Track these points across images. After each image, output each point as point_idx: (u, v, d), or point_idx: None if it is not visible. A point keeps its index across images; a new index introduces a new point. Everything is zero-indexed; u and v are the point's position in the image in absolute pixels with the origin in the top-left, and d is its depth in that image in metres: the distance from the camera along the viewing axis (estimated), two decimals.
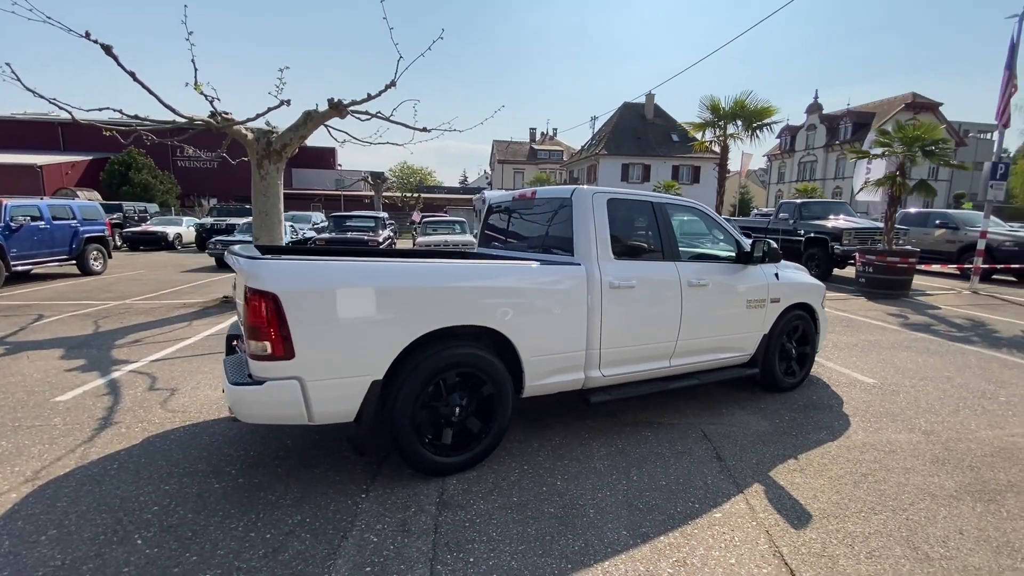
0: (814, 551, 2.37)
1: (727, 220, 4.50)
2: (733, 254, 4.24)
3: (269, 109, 7.10)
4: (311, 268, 2.57)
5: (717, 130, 14.05)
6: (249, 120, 7.13)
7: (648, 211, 3.87)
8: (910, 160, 9.72)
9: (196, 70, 6.16)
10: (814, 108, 44.64)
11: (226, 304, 8.12)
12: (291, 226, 14.49)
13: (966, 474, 3.16)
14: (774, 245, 4.11)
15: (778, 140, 48.93)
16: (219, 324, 6.77)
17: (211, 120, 7.08)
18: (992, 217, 11.02)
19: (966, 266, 11.90)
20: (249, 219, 20.64)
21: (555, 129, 47.55)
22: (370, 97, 7.28)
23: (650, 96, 37.80)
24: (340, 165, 45.73)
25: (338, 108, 7.70)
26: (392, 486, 2.83)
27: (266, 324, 2.41)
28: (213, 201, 33.08)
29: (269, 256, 2.60)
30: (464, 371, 2.92)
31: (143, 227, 19.97)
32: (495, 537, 2.41)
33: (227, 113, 7.21)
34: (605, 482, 2.96)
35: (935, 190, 10.77)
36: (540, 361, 3.22)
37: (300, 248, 4.82)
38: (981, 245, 10.72)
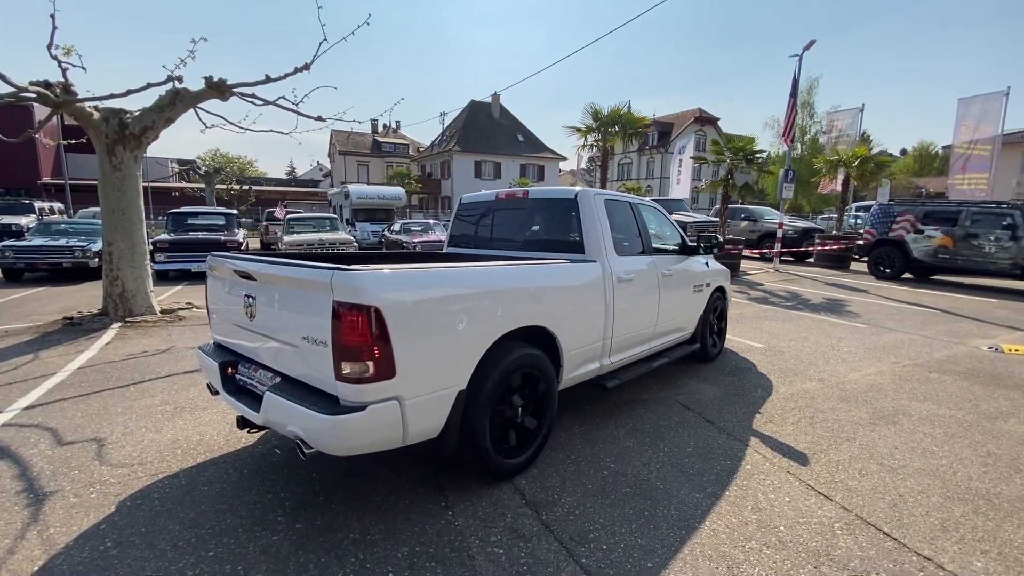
0: (827, 479, 3.02)
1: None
2: (679, 246, 4.91)
3: (149, 85, 5.74)
4: (406, 277, 2.35)
5: (597, 134, 15.42)
6: (114, 97, 5.68)
7: (628, 210, 4.27)
8: (734, 166, 12.04)
9: (55, 28, 4.70)
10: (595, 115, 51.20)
11: (74, 326, 6.38)
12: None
13: (865, 406, 4.25)
14: (720, 239, 4.88)
15: (579, 144, 54.93)
16: (85, 353, 5.35)
17: (47, 91, 5.47)
18: (775, 210, 14.27)
19: (765, 251, 15.18)
20: (32, 218, 16.14)
21: (398, 122, 46.24)
22: (269, 79, 6.37)
23: (496, 96, 39.27)
24: None
25: (218, 88, 6.60)
26: (468, 499, 2.74)
27: (369, 342, 2.15)
28: None
29: (358, 265, 2.28)
30: (526, 371, 2.95)
31: None
32: (605, 523, 2.55)
33: (72, 85, 5.64)
34: (647, 457, 3.28)
35: (755, 190, 13.56)
36: (574, 354, 3.39)
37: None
38: (779, 234, 13.79)
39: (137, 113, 6.50)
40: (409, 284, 2.35)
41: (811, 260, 15.75)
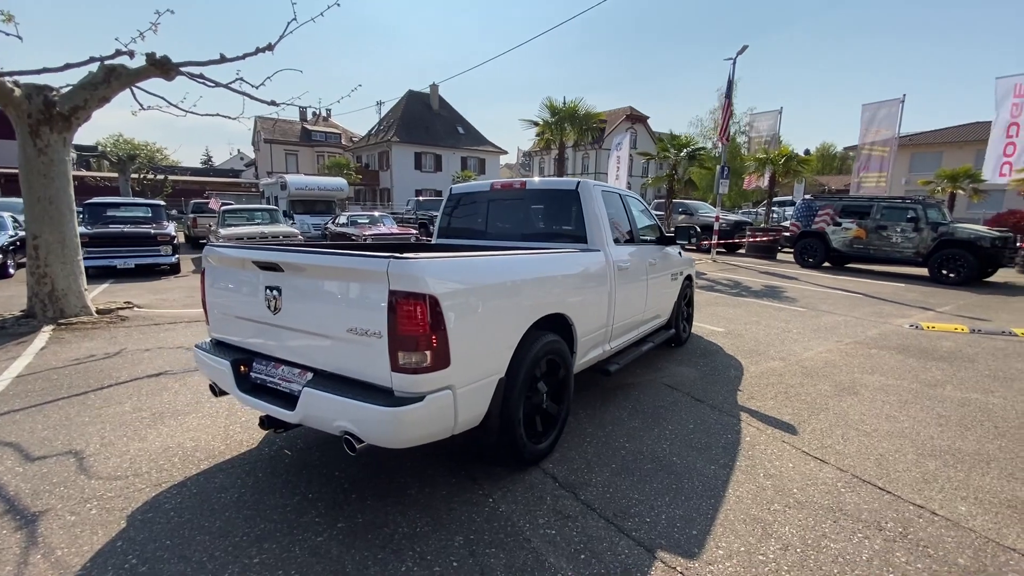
0: (817, 445, 3.34)
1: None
2: (658, 236, 5.16)
3: (92, 59, 5.10)
4: (458, 265, 2.32)
5: (554, 128, 15.56)
6: (50, 71, 5.00)
7: (619, 201, 4.42)
8: (678, 162, 12.70)
9: None
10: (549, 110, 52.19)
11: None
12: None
13: (826, 380, 4.70)
14: (698, 229, 5.17)
15: (536, 137, 55.66)
16: (20, 360, 4.74)
17: None
18: (708, 204, 15.25)
19: (704, 243, 16.15)
20: None
21: (328, 110, 44.12)
22: (224, 59, 5.89)
23: (434, 87, 38.50)
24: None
25: (162, 66, 6.02)
26: (502, 485, 2.76)
27: (427, 332, 2.11)
28: None
29: (410, 254, 2.21)
30: (550, 358, 3.01)
31: None
32: (640, 498, 2.67)
33: None
34: (655, 435, 3.45)
35: (699, 186, 14.42)
36: (586, 341, 3.49)
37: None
38: (717, 226, 14.73)
39: (65, 91, 5.80)
40: (461, 272, 2.33)
41: (742, 251, 16.96)
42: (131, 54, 5.44)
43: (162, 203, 12.50)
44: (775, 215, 22.74)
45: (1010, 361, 5.31)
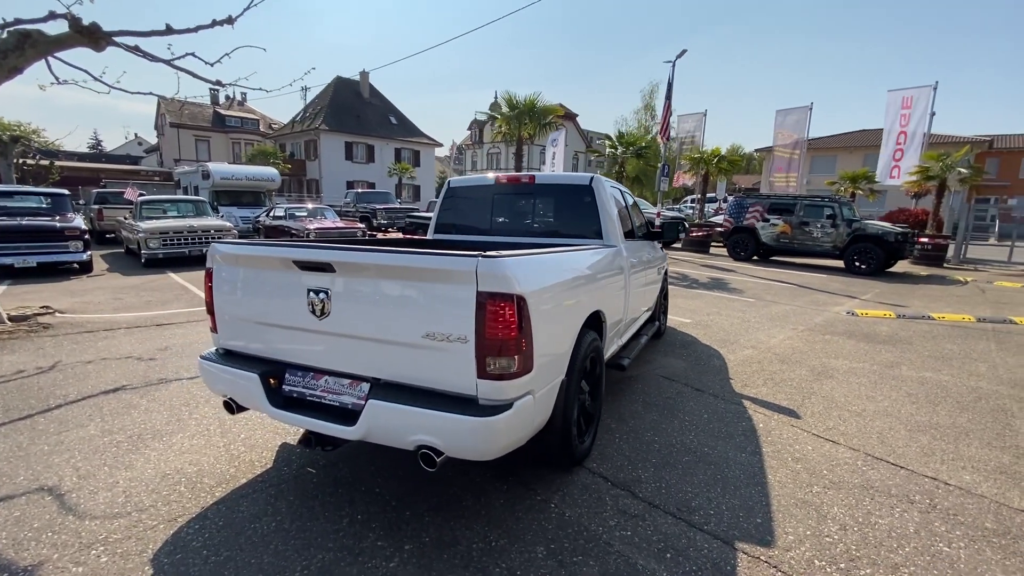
0: (822, 428, 3.57)
1: None
2: (648, 231, 5.27)
3: (18, 21, 4.23)
4: (534, 263, 2.19)
5: (512, 123, 15.36)
6: None
7: (621, 196, 4.46)
8: (625, 158, 13.13)
9: None
10: (496, 106, 52.13)
11: None
12: None
13: (800, 366, 5.06)
14: (687, 224, 5.33)
15: (468, 131, 55.24)
16: None
17: None
18: (645, 201, 15.97)
19: None
20: None
21: (244, 94, 40.77)
22: (170, 31, 5.18)
23: (364, 74, 36.74)
24: None
25: (90, 35, 5.21)
26: (556, 489, 2.69)
27: (517, 335, 1.99)
28: None
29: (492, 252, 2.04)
30: (592, 356, 2.97)
31: None
32: (694, 491, 2.71)
33: None
34: (676, 427, 3.53)
35: (644, 182, 14.98)
36: (611, 336, 3.49)
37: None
38: (658, 222, 15.39)
39: None
40: (538, 270, 2.22)
41: (678, 245, 17.90)
42: (71, 18, 4.64)
43: (66, 192, 10.93)
44: (705, 210, 24.31)
45: (940, 343, 6.02)
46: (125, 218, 12.05)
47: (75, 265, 9.54)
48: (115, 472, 2.74)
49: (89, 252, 9.52)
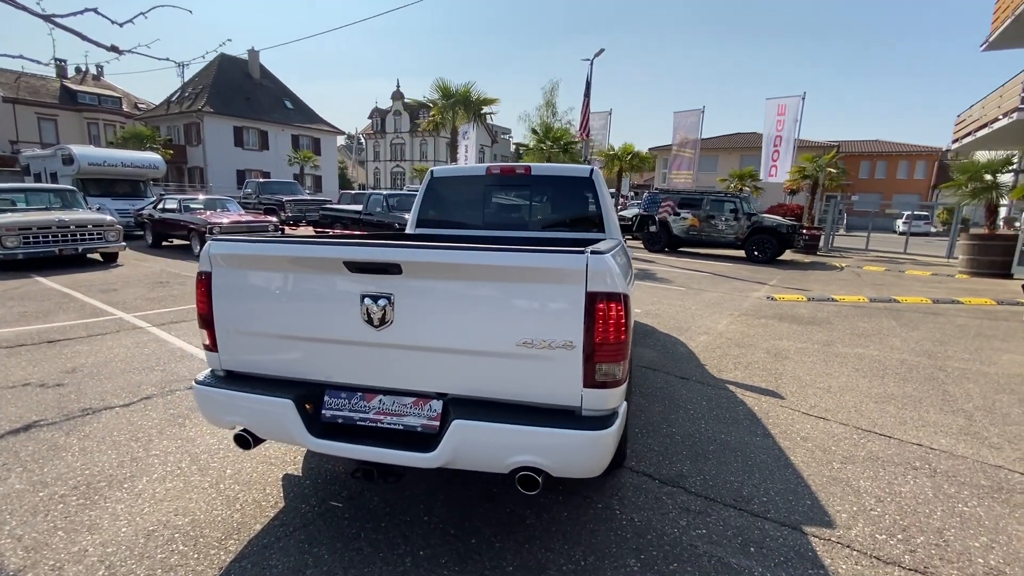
0: (807, 406, 3.85)
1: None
2: (623, 225, 5.34)
3: None
4: (615, 258, 2.03)
5: (446, 112, 14.61)
6: None
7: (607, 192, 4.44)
8: (553, 153, 13.31)
9: None
10: (398, 96, 50.32)
11: None
12: None
13: (756, 349, 5.46)
14: (656, 217, 5.45)
15: (370, 120, 52.77)
16: None
17: None
18: None
19: None
20: None
21: (100, 66, 34.82)
22: None
23: (254, 53, 33.15)
24: None
25: None
26: (611, 493, 2.60)
27: (625, 338, 1.84)
28: None
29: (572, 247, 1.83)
30: None
31: None
32: (737, 481, 2.76)
33: None
34: (684, 417, 3.60)
35: None
36: None
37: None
38: None
39: None
40: (622, 267, 2.07)
41: None
42: None
43: None
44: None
45: (853, 321, 6.85)
46: None
47: None
48: (76, 537, 2.14)
49: None
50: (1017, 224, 15.83)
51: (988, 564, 2.13)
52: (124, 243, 10.05)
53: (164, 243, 12.55)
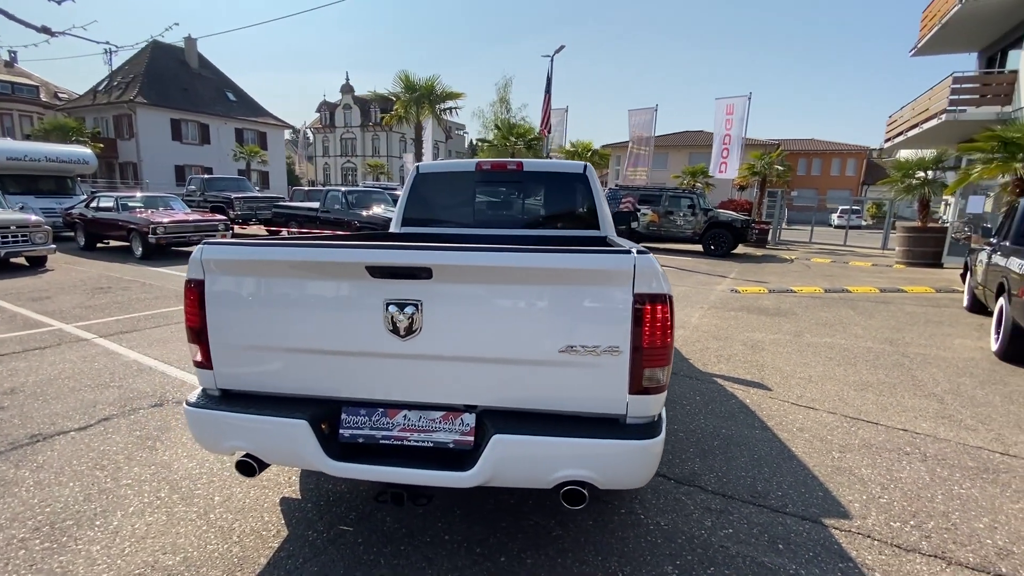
0: (794, 397, 3.96)
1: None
2: None
3: None
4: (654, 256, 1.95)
5: (410, 106, 14.06)
6: None
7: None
8: (516, 149, 13.21)
9: None
10: (347, 89, 48.75)
11: None
12: None
13: (733, 341, 5.60)
14: (638, 213, 5.45)
15: (318, 114, 50.83)
16: None
17: None
18: None
19: None
20: None
21: (13, 52, 31.57)
22: None
23: (191, 41, 30.93)
24: None
25: None
26: (628, 497, 2.54)
27: (670, 342, 1.76)
28: None
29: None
30: None
31: None
32: (750, 476, 2.77)
33: None
34: (685, 412, 3.60)
35: None
36: None
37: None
38: None
39: None
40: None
41: None
42: None
43: None
44: None
45: (815, 311, 7.17)
46: None
47: None
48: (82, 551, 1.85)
49: None
50: (940, 219, 17.22)
51: (997, 545, 2.23)
52: (53, 245, 9.15)
53: (99, 245, 11.55)
